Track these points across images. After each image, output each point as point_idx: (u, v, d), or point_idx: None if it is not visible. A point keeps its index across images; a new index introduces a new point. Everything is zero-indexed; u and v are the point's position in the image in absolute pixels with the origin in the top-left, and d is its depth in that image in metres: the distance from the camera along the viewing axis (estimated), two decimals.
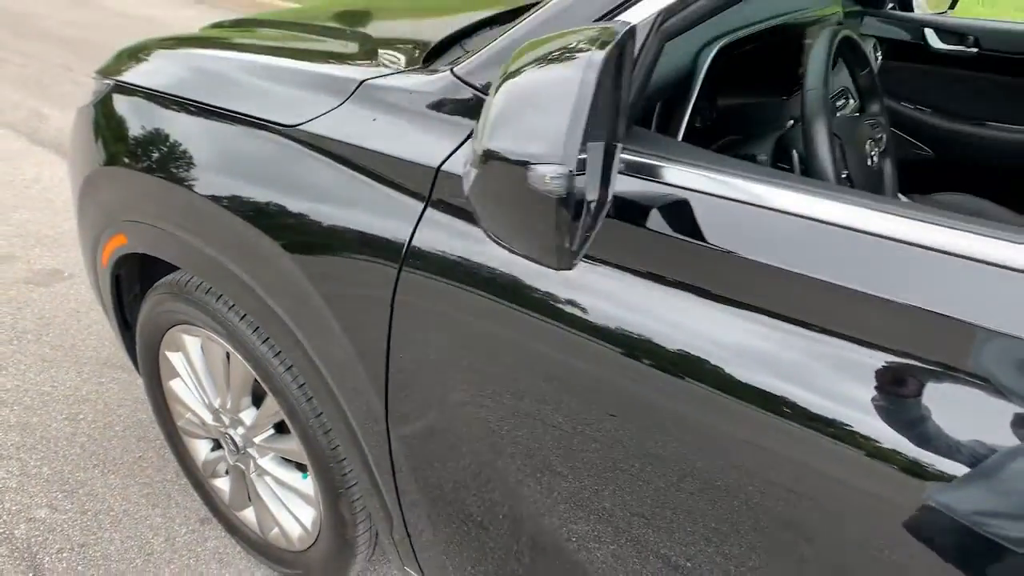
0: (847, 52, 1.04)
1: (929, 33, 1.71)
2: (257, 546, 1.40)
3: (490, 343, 0.76)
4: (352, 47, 1.04)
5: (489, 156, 0.49)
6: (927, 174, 1.75)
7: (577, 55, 0.48)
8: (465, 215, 0.74)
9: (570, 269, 0.50)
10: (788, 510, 0.59)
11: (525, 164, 0.47)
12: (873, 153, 0.98)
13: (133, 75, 1.18)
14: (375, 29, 1.15)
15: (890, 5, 1.79)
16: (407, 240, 0.77)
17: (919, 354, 0.53)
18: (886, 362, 0.54)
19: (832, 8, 1.36)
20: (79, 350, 1.99)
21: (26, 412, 1.77)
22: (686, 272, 0.63)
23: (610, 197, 0.57)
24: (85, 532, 1.47)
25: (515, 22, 0.76)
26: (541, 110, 0.48)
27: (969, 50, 1.66)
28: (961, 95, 1.69)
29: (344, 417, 0.98)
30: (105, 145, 1.19)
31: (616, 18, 0.63)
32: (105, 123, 1.20)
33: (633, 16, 0.63)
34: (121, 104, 1.18)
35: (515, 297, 0.71)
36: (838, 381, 0.55)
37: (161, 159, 1.07)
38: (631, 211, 0.66)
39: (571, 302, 0.68)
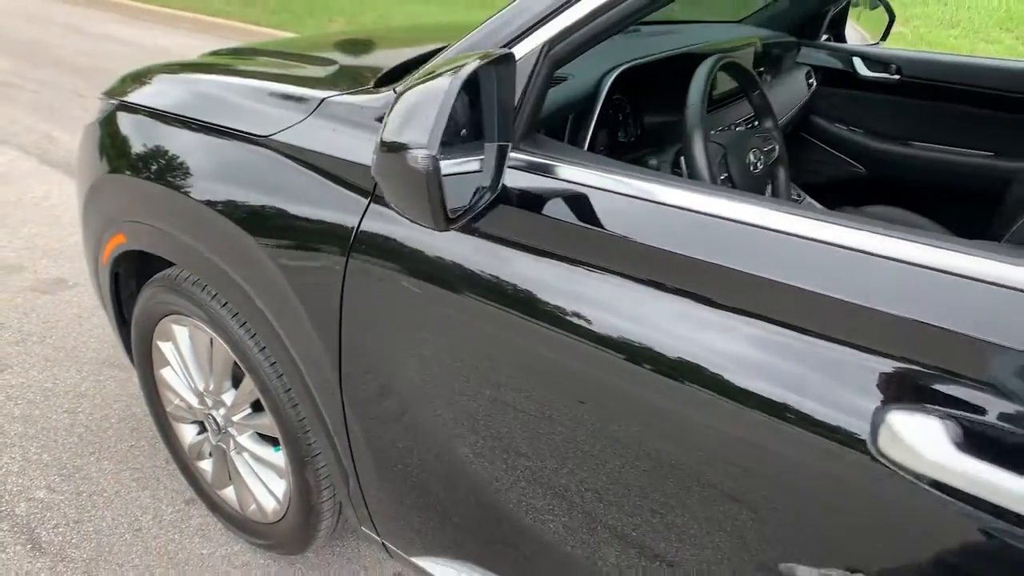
0: (738, 77, 1.21)
1: (857, 62, 1.88)
2: (236, 522, 1.53)
3: (422, 317, 0.91)
4: (321, 71, 1.21)
5: (384, 144, 0.65)
6: (861, 189, 1.91)
7: (451, 73, 0.64)
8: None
9: (446, 231, 0.65)
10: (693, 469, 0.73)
11: (405, 148, 0.63)
12: (758, 160, 1.14)
13: (135, 96, 1.35)
14: (342, 58, 1.32)
15: (824, 37, 1.97)
16: (355, 229, 0.93)
17: (756, 311, 0.66)
18: (731, 318, 0.68)
19: (747, 40, 1.53)
20: (79, 351, 2.14)
21: (29, 406, 1.91)
22: (576, 250, 0.79)
23: (500, 183, 0.73)
24: (79, 510, 1.60)
25: (446, 50, 0.93)
26: (419, 111, 0.64)
27: (892, 77, 1.83)
28: (887, 117, 1.86)
29: (308, 390, 1.13)
30: (108, 156, 1.35)
31: (513, 47, 0.79)
32: (109, 137, 1.36)
33: (526, 46, 0.79)
34: (124, 121, 1.34)
35: (441, 274, 0.86)
36: (695, 331, 0.69)
37: (157, 167, 1.23)
38: (532, 201, 0.82)
39: (482, 276, 0.83)
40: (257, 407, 1.35)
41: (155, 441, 1.75)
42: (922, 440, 0.56)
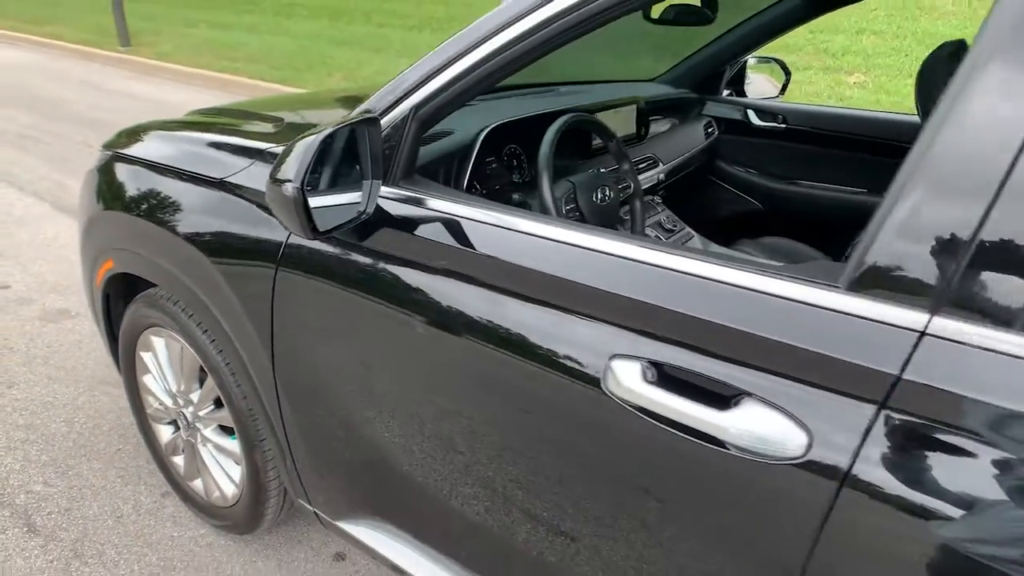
0: (593, 131, 1.50)
1: (751, 113, 2.18)
2: (203, 508, 1.78)
3: (329, 315, 1.18)
4: (271, 128, 1.51)
5: (271, 179, 0.94)
6: (759, 223, 2.19)
7: (318, 132, 0.93)
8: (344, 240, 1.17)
9: (313, 240, 0.93)
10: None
11: (282, 182, 0.91)
12: (606, 196, 1.41)
13: (126, 147, 1.65)
14: (294, 116, 1.62)
15: (726, 92, 2.28)
16: (282, 245, 1.21)
17: (556, 302, 0.92)
18: (542, 310, 0.93)
19: (631, 99, 1.84)
20: (78, 371, 2.42)
21: (31, 416, 2.18)
22: (437, 260, 1.05)
23: (372, 208, 1.01)
24: (70, 501, 1.85)
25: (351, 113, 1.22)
26: (295, 157, 0.92)
27: (779, 126, 2.13)
28: (776, 160, 2.15)
29: (253, 384, 1.39)
30: (103, 197, 1.65)
31: (392, 110, 1.08)
32: (104, 181, 1.66)
33: (401, 110, 1.08)
34: (116, 168, 1.64)
35: (339, 279, 1.14)
36: (517, 318, 0.96)
37: (141, 205, 1.53)
38: (406, 224, 1.09)
39: (368, 279, 1.10)
40: (218, 403, 1.61)
41: (139, 445, 2.01)
42: (629, 379, 0.83)
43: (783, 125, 2.13)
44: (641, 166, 1.78)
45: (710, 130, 2.18)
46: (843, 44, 7.06)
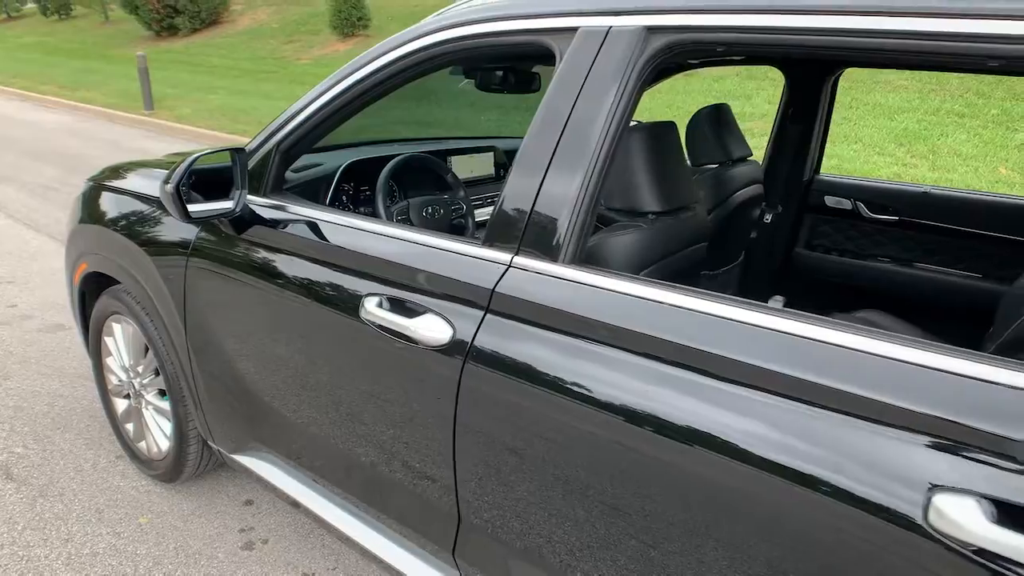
0: (431, 168, 2.02)
1: None
2: (145, 463, 2.23)
3: (220, 290, 1.66)
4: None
5: (162, 183, 1.46)
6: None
7: (193, 156, 1.45)
8: (213, 229, 1.67)
9: (187, 223, 1.44)
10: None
11: (165, 183, 1.43)
12: (435, 213, 1.90)
13: (105, 179, 2.19)
14: None
15: None
16: (192, 239, 1.71)
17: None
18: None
19: (488, 146, 2.36)
20: (64, 369, 2.91)
21: (20, 400, 2.66)
22: (295, 248, 1.54)
23: (238, 210, 1.51)
24: (43, 459, 2.31)
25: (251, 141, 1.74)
26: (176, 170, 1.44)
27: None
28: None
29: (175, 351, 1.87)
30: (83, 214, 2.17)
31: (265, 144, 1.60)
32: (85, 203, 2.19)
33: (269, 142, 1.59)
34: (95, 193, 2.17)
35: (227, 264, 1.63)
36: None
37: (109, 218, 2.04)
38: (272, 223, 1.59)
39: (246, 263, 1.59)
40: (156, 372, 2.08)
41: (104, 422, 2.47)
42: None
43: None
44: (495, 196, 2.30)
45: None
46: None
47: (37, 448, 2.38)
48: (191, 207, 1.48)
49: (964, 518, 0.74)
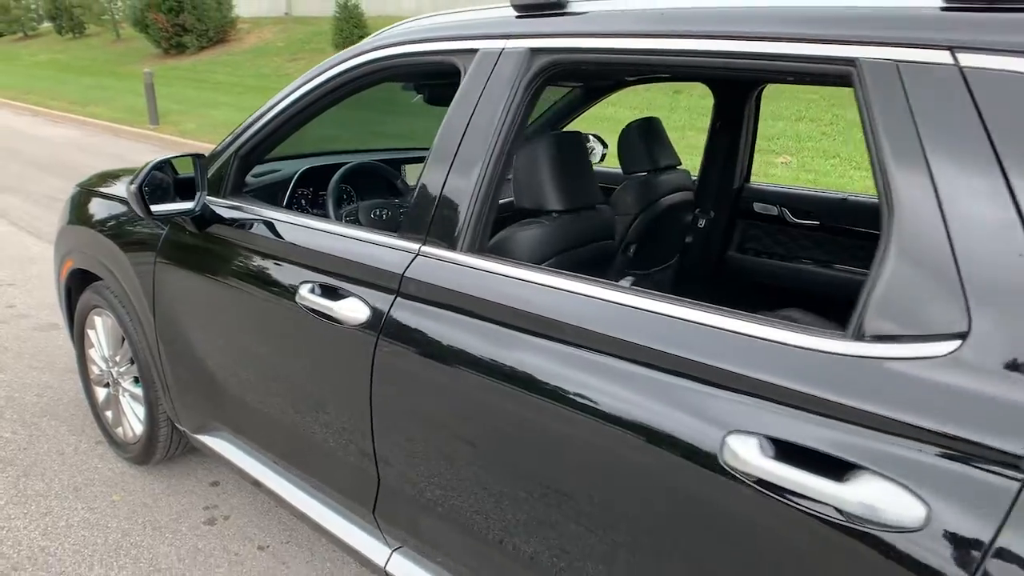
0: (382, 173, 2.21)
1: None
2: (121, 446, 2.40)
3: (183, 283, 1.84)
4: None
5: (128, 184, 1.64)
6: None
7: (153, 162, 1.64)
8: (179, 228, 1.86)
9: (149, 220, 1.62)
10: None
11: (130, 184, 1.61)
12: (383, 214, 2.08)
13: (92, 184, 2.38)
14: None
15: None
16: (160, 238, 1.90)
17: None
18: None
19: None
20: (55, 363, 3.09)
21: (11, 391, 2.84)
22: (250, 243, 1.72)
23: (198, 209, 1.70)
24: (28, 443, 2.49)
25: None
26: (139, 174, 1.63)
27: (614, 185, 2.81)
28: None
29: (146, 340, 2.05)
30: (71, 215, 2.36)
31: (224, 152, 1.78)
32: (73, 206, 2.38)
33: (230, 149, 1.78)
34: (82, 197, 2.36)
35: (189, 260, 1.81)
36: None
37: (92, 220, 2.24)
38: (231, 221, 1.77)
39: (206, 258, 1.77)
40: (132, 360, 2.26)
41: (87, 410, 2.65)
42: None
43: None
44: None
45: None
46: (781, 129, 7.86)
47: (24, 434, 2.55)
48: (154, 207, 1.66)
49: (748, 455, 0.90)
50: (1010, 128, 0.81)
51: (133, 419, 2.32)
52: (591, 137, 3.01)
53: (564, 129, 2.88)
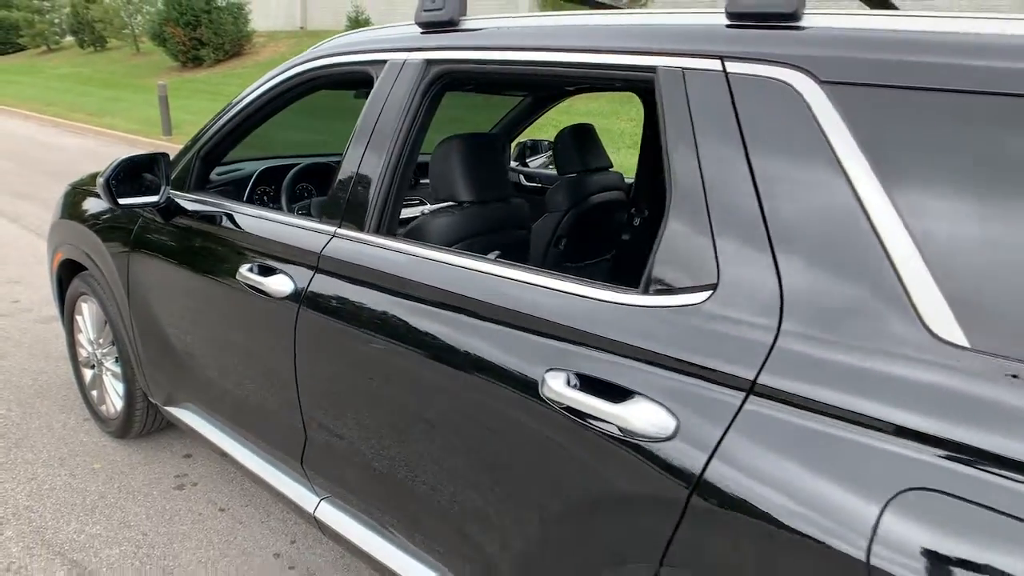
0: (328, 172, 2.45)
1: (521, 177, 3.10)
2: (104, 421, 2.63)
3: (156, 271, 2.07)
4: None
5: (98, 177, 1.87)
6: None
7: (118, 160, 1.87)
8: (149, 220, 2.09)
9: (118, 209, 1.86)
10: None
11: (100, 177, 1.84)
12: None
13: (84, 183, 2.63)
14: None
15: (514, 164, 3.20)
16: (134, 229, 2.13)
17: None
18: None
19: None
20: (51, 351, 3.35)
21: (10, 375, 3.09)
22: (209, 227, 1.94)
23: (163, 202, 1.93)
24: (22, 419, 2.73)
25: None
26: (108, 169, 1.86)
27: (536, 185, 3.03)
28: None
29: (123, 320, 2.29)
30: (62, 211, 2.62)
31: (188, 152, 2.02)
32: (65, 203, 2.63)
33: (192, 150, 2.01)
34: (73, 194, 2.61)
35: (157, 247, 2.04)
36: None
37: (79, 214, 2.48)
38: (193, 212, 2.00)
39: (173, 246, 2.00)
40: (114, 343, 2.50)
41: (77, 391, 2.89)
42: None
43: (539, 185, 3.03)
44: (414, 201, 2.70)
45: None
46: None
47: (19, 411, 2.80)
48: (121, 199, 1.90)
49: (560, 389, 1.10)
50: (753, 119, 1.01)
51: (114, 396, 2.56)
52: (545, 142, 3.23)
53: (520, 135, 3.11)
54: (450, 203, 1.78)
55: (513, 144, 3.24)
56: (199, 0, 16.21)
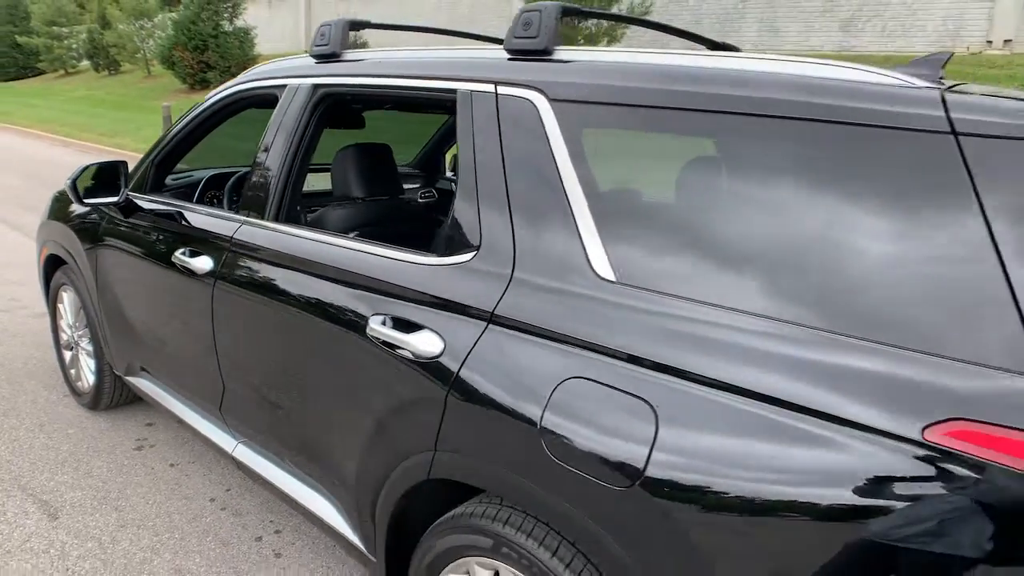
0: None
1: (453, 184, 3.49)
2: (80, 395, 3.03)
3: (117, 260, 2.47)
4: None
5: (67, 180, 2.28)
6: None
7: (84, 166, 2.28)
8: (113, 218, 2.50)
9: (82, 206, 2.27)
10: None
11: (69, 179, 2.26)
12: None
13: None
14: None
15: (450, 173, 3.60)
16: (100, 227, 2.54)
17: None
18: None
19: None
20: (41, 341, 3.76)
21: (4, 360, 3.51)
22: (160, 222, 2.35)
23: (122, 201, 2.34)
24: (12, 395, 3.13)
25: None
26: (76, 171, 2.27)
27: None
28: None
29: (93, 304, 2.69)
30: (48, 213, 3.03)
31: (145, 162, 2.42)
32: (51, 205, 3.05)
33: (147, 159, 2.42)
34: (60, 197, 3.03)
35: (121, 237, 2.44)
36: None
37: (61, 215, 2.90)
38: (150, 210, 2.40)
39: (132, 234, 2.41)
40: (87, 325, 2.90)
41: (59, 373, 3.29)
42: None
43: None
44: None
45: (427, 193, 3.49)
46: None
47: (9, 389, 3.20)
48: (87, 199, 2.31)
49: (377, 327, 1.48)
50: (508, 126, 1.40)
51: (88, 372, 2.96)
52: None
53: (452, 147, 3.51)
54: (346, 198, 2.18)
55: (448, 155, 3.64)
56: (207, 25, 16.88)
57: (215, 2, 17.82)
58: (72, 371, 3.10)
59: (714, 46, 1.94)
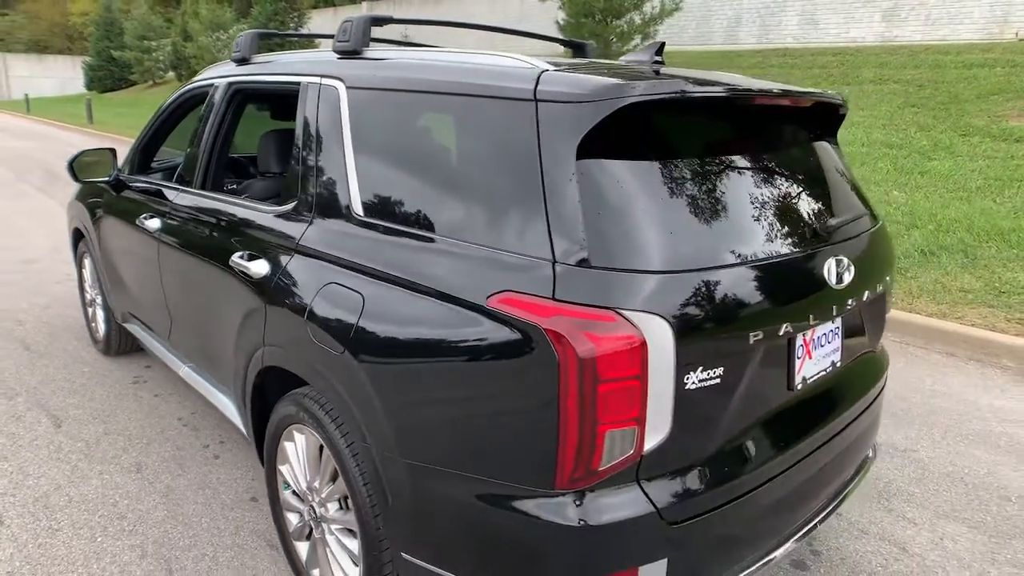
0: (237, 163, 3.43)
1: None
2: (98, 343, 3.72)
3: (111, 226, 3.11)
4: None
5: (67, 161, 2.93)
6: None
7: (81, 152, 2.91)
8: (110, 194, 3.14)
9: (77, 183, 2.91)
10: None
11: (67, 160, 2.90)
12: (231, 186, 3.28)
13: None
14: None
15: None
16: (102, 203, 3.19)
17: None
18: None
19: None
20: (65, 300, 4.52)
21: (25, 316, 4.27)
22: (146, 200, 2.97)
23: (115, 179, 2.97)
24: (51, 342, 3.86)
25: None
26: (75, 155, 2.91)
27: None
28: None
29: (98, 264, 3.35)
30: (76, 195, 3.73)
31: (131, 149, 3.04)
32: (79, 190, 3.76)
33: (134, 147, 3.04)
34: (84, 185, 3.73)
35: (114, 210, 3.08)
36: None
37: (82, 195, 3.58)
38: (136, 188, 3.02)
39: (121, 209, 3.04)
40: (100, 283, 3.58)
41: (79, 326, 4.01)
42: None
43: None
44: None
45: None
46: None
47: (50, 340, 3.94)
48: (82, 177, 2.95)
49: (235, 259, 2.01)
50: (322, 108, 1.89)
51: (101, 323, 3.64)
52: None
53: None
54: (269, 173, 2.73)
55: None
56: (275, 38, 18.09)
57: (282, 13, 19.05)
58: (92, 324, 3.80)
59: (567, 44, 2.37)
